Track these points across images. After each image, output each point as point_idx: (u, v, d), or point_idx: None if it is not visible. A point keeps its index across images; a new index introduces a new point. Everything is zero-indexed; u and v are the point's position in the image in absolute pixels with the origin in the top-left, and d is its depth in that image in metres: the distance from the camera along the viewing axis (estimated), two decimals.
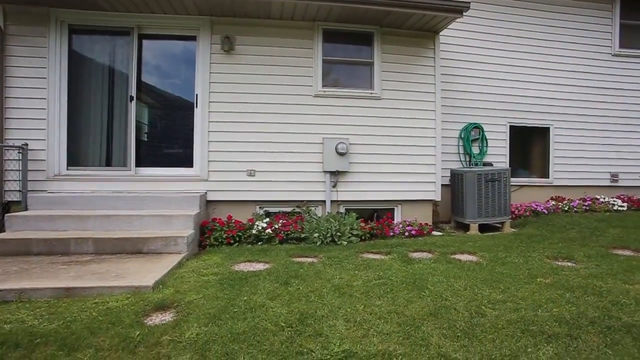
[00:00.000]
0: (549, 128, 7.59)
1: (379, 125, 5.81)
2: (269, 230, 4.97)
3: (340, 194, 5.66)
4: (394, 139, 5.83)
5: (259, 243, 4.91)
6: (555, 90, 7.63)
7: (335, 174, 5.61)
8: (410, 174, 5.87)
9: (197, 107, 5.48)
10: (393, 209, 5.95)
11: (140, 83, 5.51)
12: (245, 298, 3.03)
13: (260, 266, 3.92)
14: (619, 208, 7.11)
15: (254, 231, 4.96)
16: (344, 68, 6.03)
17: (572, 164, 7.75)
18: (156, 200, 4.90)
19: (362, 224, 5.25)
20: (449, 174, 6.37)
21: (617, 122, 7.97)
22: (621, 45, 8.02)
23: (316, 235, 4.89)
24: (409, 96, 5.93)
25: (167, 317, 2.72)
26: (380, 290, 3.19)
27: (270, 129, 5.57)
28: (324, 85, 5.73)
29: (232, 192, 5.48)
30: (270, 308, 2.83)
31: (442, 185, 6.14)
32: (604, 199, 7.34)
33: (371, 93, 5.80)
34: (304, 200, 5.61)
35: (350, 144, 5.63)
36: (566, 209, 6.92)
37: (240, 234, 4.95)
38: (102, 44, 5.47)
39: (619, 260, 4.16)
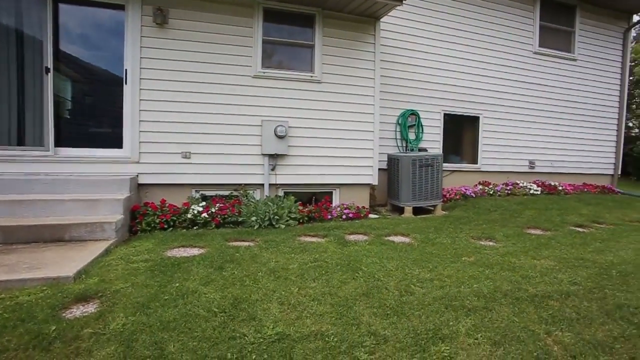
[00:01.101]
0: (478, 117, 8.11)
1: (318, 109, 5.81)
2: (205, 214, 4.82)
3: (279, 177, 5.63)
4: (333, 123, 5.88)
5: (195, 227, 4.75)
6: (485, 82, 8.14)
7: (274, 157, 5.55)
8: (349, 158, 5.98)
9: (126, 83, 5.08)
10: (331, 193, 6.05)
11: (58, 53, 4.96)
12: (178, 284, 2.92)
13: (194, 251, 3.79)
14: (534, 192, 7.85)
15: (189, 215, 4.78)
16: (285, 50, 5.91)
17: (498, 152, 8.38)
18: (80, 184, 4.52)
19: (301, 207, 5.28)
20: (386, 159, 6.59)
21: (535, 115, 8.73)
22: (540, 45, 8.72)
23: (254, 218, 4.83)
24: (349, 81, 5.98)
25: (89, 308, 2.55)
26: (316, 273, 3.25)
27: (207, 110, 5.34)
28: (263, 67, 5.59)
29: (166, 174, 5.22)
30: (204, 294, 2.77)
31: (380, 169, 6.34)
32: (523, 183, 8.06)
33: (311, 76, 5.77)
34: (242, 184, 5.50)
35: (290, 127, 5.58)
36: (491, 192, 7.50)
37: (175, 218, 4.74)
38: (5, 3, 4.79)
39: (530, 239, 4.62)
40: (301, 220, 5.15)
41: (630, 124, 32.48)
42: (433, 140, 7.58)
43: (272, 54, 5.78)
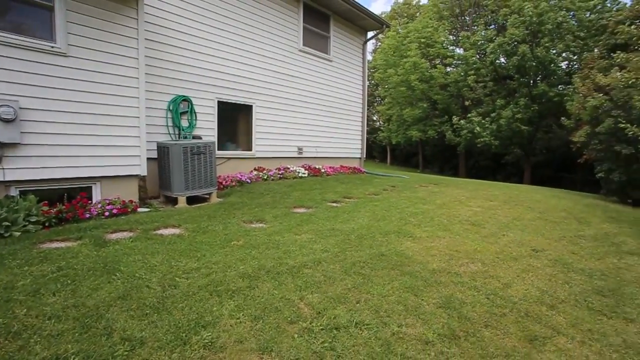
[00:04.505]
0: (252, 106, 8.49)
1: (67, 89, 4.80)
2: None
3: (10, 172, 4.38)
4: (88, 106, 4.98)
5: None
6: (258, 73, 8.58)
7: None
8: (111, 147, 5.23)
9: None
10: (90, 187, 5.16)
11: None
12: None
13: None
14: (303, 175, 8.89)
15: None
16: (12, 6, 4.62)
17: (271, 139, 9.03)
18: None
19: (46, 208, 4.31)
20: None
21: (302, 106, 9.83)
22: (304, 44, 9.82)
23: None
24: (107, 59, 5.19)
25: None
26: (58, 285, 2.71)
27: None
28: None
29: None
30: None
31: (150, 159, 5.84)
32: (293, 168, 9.00)
33: (52, 47, 4.69)
34: None
35: (22, 108, 4.41)
36: (266, 177, 8.05)
37: None
38: None
39: (295, 217, 5.17)
40: (48, 224, 4.21)
41: (375, 118, 41.23)
42: (208, 128, 7.50)
43: None
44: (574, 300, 3.26)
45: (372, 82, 35.75)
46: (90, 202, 4.92)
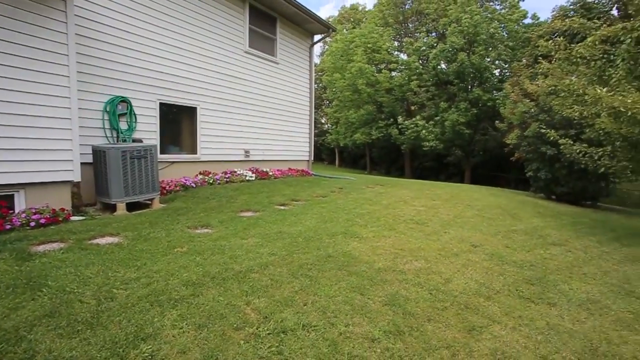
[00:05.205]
0: (196, 108, 8.21)
1: None
2: None
3: None
4: (5, 106, 4.50)
5: None
6: (202, 74, 8.31)
7: None
8: (36, 150, 4.78)
9: None
10: (13, 195, 4.69)
11: None
12: None
13: None
14: (250, 178, 8.75)
15: None
16: None
17: (216, 142, 8.79)
18: None
19: None
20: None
21: (248, 108, 9.67)
22: (250, 46, 9.68)
23: None
24: (30, 54, 4.72)
25: None
26: None
27: None
28: None
29: None
30: None
31: (86, 163, 5.45)
32: (240, 171, 8.82)
33: None
34: None
35: None
36: (211, 181, 7.81)
37: None
38: None
39: (242, 221, 5.06)
40: None
41: (323, 120, 41.66)
42: (149, 131, 7.13)
43: None
44: (507, 290, 3.50)
45: (320, 84, 36.14)
46: (12, 211, 4.48)
